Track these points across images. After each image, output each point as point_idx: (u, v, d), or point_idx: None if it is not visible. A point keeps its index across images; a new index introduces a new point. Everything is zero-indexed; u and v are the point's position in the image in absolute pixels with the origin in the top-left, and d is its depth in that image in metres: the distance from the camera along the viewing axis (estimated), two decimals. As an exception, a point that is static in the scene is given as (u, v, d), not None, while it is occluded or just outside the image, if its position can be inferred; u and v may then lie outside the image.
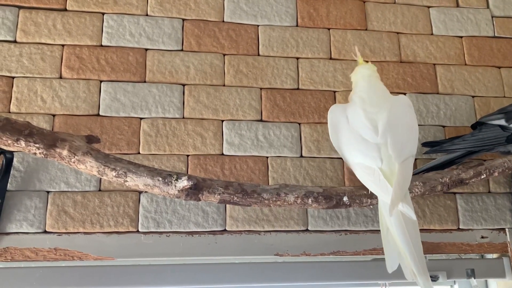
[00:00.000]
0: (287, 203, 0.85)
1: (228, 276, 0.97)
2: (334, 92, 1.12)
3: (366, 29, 1.18)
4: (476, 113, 1.16)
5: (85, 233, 0.94)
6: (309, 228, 1.02)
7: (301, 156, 1.06)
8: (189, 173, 0.99)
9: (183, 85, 1.06)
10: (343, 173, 1.06)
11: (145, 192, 0.97)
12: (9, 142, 0.79)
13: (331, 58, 1.14)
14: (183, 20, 1.11)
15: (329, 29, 1.17)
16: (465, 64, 1.20)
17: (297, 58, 1.13)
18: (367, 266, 1.03)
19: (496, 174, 0.96)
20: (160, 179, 0.80)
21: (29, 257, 0.91)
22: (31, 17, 1.04)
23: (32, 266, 0.93)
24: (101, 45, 1.06)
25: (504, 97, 1.18)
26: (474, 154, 1.03)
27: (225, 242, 0.98)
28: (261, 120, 1.07)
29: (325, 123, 1.08)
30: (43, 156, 0.81)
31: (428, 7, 1.23)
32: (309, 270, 1.00)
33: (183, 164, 1.01)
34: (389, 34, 1.19)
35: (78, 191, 0.96)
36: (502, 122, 0.99)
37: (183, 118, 1.04)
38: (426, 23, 1.22)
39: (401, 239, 0.79)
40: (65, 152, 0.80)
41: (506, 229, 1.08)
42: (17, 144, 0.79)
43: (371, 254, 1.02)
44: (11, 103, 0.99)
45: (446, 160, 1.03)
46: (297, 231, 1.01)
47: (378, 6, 1.21)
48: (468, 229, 1.07)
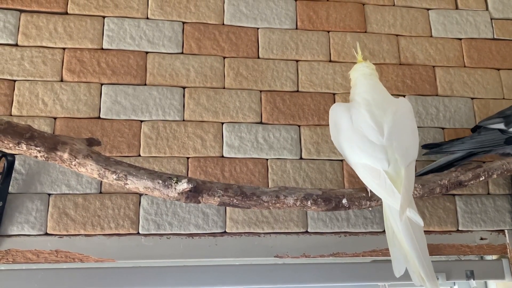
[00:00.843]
0: (286, 205, 0.85)
1: (228, 278, 0.98)
2: (334, 94, 1.12)
3: (365, 32, 1.19)
4: (475, 115, 1.16)
5: (86, 235, 0.95)
6: (309, 230, 1.02)
7: (301, 158, 1.07)
8: (189, 176, 1.00)
9: (184, 88, 1.07)
10: (343, 175, 1.07)
11: (145, 194, 0.98)
12: (10, 145, 0.80)
13: (330, 61, 1.15)
14: (183, 23, 1.12)
15: (328, 31, 1.17)
16: (465, 66, 1.20)
17: (297, 61, 1.14)
18: (367, 268, 1.03)
19: (495, 176, 0.96)
20: (160, 181, 0.81)
21: (30, 259, 0.92)
22: (33, 21, 1.05)
23: (34, 268, 0.93)
24: (102, 48, 1.07)
25: (503, 99, 1.19)
26: (473, 156, 1.03)
27: (225, 244, 0.98)
28: (261, 123, 1.08)
29: (325, 125, 1.09)
30: (44, 159, 0.81)
31: (428, 9, 1.24)
32: (309, 272, 1.00)
33: (183, 166, 1.02)
34: (388, 36, 1.19)
35: (79, 193, 0.97)
36: (501, 126, 0.99)
37: (183, 120, 1.05)
38: (426, 25, 1.22)
39: (408, 244, 0.78)
40: (66, 155, 0.81)
41: (505, 231, 1.08)
42: (19, 147, 0.80)
43: (370, 255, 1.02)
44: (13, 106, 0.99)
45: (445, 163, 1.04)
46: (296, 233, 1.02)
47: (377, 9, 1.21)
48: (467, 231, 1.07)
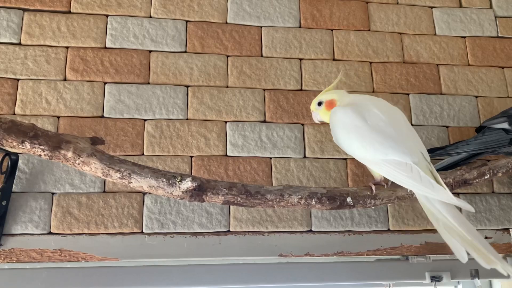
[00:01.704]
0: (290, 204, 0.85)
1: (232, 277, 0.97)
2: (337, 93, 1.12)
3: (369, 30, 1.19)
4: (479, 114, 1.16)
5: (89, 234, 0.95)
6: (313, 229, 1.02)
7: (305, 157, 1.06)
8: (193, 174, 1.00)
9: (187, 87, 1.07)
10: (347, 174, 1.06)
11: (149, 193, 0.98)
12: (14, 144, 0.80)
13: (334, 59, 1.15)
14: (187, 21, 1.11)
15: (332, 30, 1.17)
16: (469, 65, 1.20)
17: (300, 59, 1.13)
18: (371, 267, 1.03)
19: (500, 174, 0.96)
20: (164, 180, 0.80)
21: (34, 258, 0.92)
22: (36, 20, 1.05)
23: (37, 267, 0.93)
24: (105, 47, 1.06)
25: (508, 97, 1.18)
26: (478, 156, 1.03)
27: (229, 243, 0.98)
28: (264, 121, 1.07)
29: (328, 124, 1.08)
30: (48, 157, 0.81)
31: (431, 7, 1.23)
32: (313, 271, 1.00)
33: (187, 165, 1.01)
34: (392, 34, 1.19)
35: (83, 192, 0.97)
36: (505, 125, 0.99)
37: (187, 119, 1.04)
38: (429, 23, 1.22)
39: (463, 229, 0.78)
40: (69, 154, 0.81)
41: (510, 230, 1.08)
42: (23, 146, 0.80)
43: (374, 254, 1.02)
44: (16, 105, 0.99)
45: (450, 163, 1.04)
46: (300, 232, 1.01)
47: (381, 7, 1.21)
48: (472, 230, 1.06)
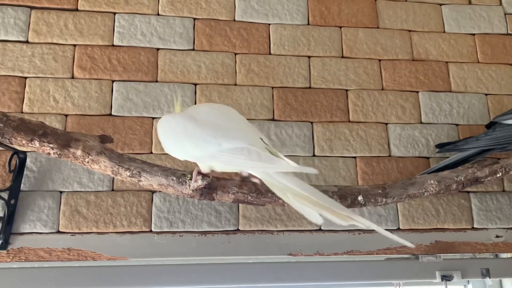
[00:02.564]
0: (301, 202, 0.84)
1: (241, 276, 0.97)
2: (346, 90, 1.11)
3: (377, 27, 1.18)
4: (489, 111, 1.15)
5: (98, 233, 0.94)
6: (322, 228, 1.01)
7: (314, 155, 1.06)
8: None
9: (195, 85, 1.06)
10: (356, 172, 1.05)
11: (158, 191, 0.97)
12: (23, 142, 0.79)
13: (342, 57, 1.14)
14: (194, 19, 1.11)
15: (340, 27, 1.16)
16: (478, 62, 1.19)
17: (309, 57, 1.12)
18: (381, 266, 1.02)
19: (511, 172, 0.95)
20: (175, 178, 0.80)
21: (42, 257, 0.91)
22: (43, 17, 1.04)
23: (46, 266, 0.93)
24: (113, 45, 1.06)
25: (518, 94, 1.17)
26: (487, 152, 1.02)
27: (238, 241, 0.97)
28: (273, 119, 1.07)
29: (338, 121, 1.08)
30: (57, 156, 0.81)
31: (440, 4, 1.22)
32: (322, 270, 0.99)
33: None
34: (401, 32, 1.18)
35: (91, 191, 0.96)
36: (517, 121, 0.98)
37: (195, 117, 1.04)
38: (438, 20, 1.21)
39: (309, 193, 0.74)
40: (79, 152, 0.80)
41: (521, 228, 1.07)
42: (32, 144, 0.79)
43: (384, 253, 1.01)
44: (24, 103, 0.99)
45: (460, 159, 1.03)
46: (310, 231, 1.01)
47: (389, 4, 1.20)
48: (482, 228, 1.06)
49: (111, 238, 0.94)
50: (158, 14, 1.10)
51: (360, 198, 0.86)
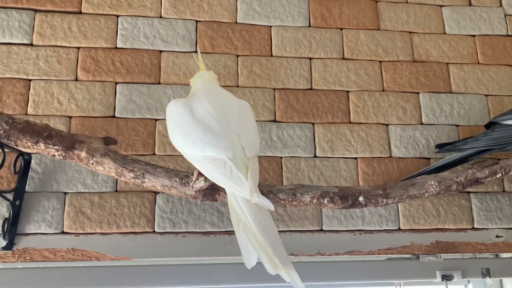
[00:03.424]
0: (303, 203, 0.85)
1: (243, 276, 0.97)
2: (348, 92, 1.12)
3: (378, 29, 1.19)
4: (489, 112, 1.15)
5: (102, 233, 0.95)
6: (324, 228, 1.02)
7: (315, 156, 1.06)
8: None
9: (197, 86, 1.07)
10: (357, 173, 1.06)
11: (161, 192, 0.98)
12: (29, 144, 0.80)
13: (344, 58, 1.15)
14: (197, 21, 1.12)
15: (341, 29, 1.17)
16: (478, 63, 1.19)
17: (310, 59, 1.13)
18: (382, 266, 1.03)
19: (511, 173, 0.96)
20: (178, 180, 0.81)
21: (47, 257, 0.92)
22: (47, 20, 1.06)
23: (51, 267, 0.94)
24: (116, 47, 1.07)
25: (518, 95, 1.18)
26: (486, 152, 1.03)
27: (241, 242, 0.98)
28: (274, 121, 1.07)
29: (339, 123, 1.09)
30: (61, 158, 0.82)
31: (441, 6, 1.23)
32: (323, 270, 1.00)
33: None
34: (401, 33, 1.19)
35: (95, 192, 0.97)
36: (516, 122, 0.99)
37: (198, 119, 1.05)
38: (439, 22, 1.22)
39: (259, 230, 0.71)
40: (83, 154, 0.81)
41: (521, 228, 1.08)
42: (37, 146, 0.80)
43: (385, 253, 1.02)
44: (29, 105, 1.00)
45: (458, 158, 1.04)
46: (311, 231, 1.01)
47: (390, 6, 1.21)
48: (482, 228, 1.06)
49: (115, 238, 0.95)
50: (161, 17, 1.11)
51: (361, 198, 0.87)
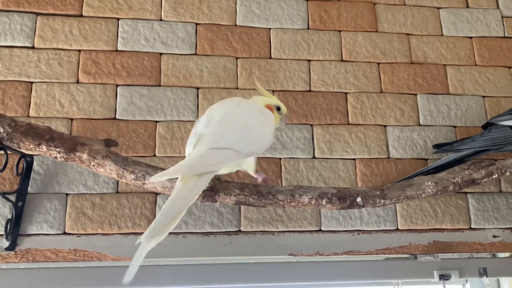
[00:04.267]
0: (301, 204, 0.86)
1: (243, 276, 0.99)
2: (346, 93, 1.13)
3: (376, 31, 1.20)
4: (486, 113, 1.16)
5: (103, 234, 0.96)
6: (322, 228, 1.03)
7: (314, 157, 1.08)
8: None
9: (197, 89, 1.08)
10: (356, 174, 1.08)
11: (162, 193, 0.99)
12: (31, 146, 0.82)
13: (342, 60, 1.16)
14: (196, 24, 1.13)
15: (340, 31, 1.18)
16: (476, 65, 1.21)
17: (309, 61, 1.15)
18: (380, 266, 1.04)
19: (507, 173, 0.97)
20: (178, 181, 0.82)
21: (49, 258, 0.93)
22: (49, 23, 1.07)
23: (53, 267, 0.95)
24: (117, 50, 1.08)
25: (515, 97, 1.19)
26: (483, 152, 1.04)
27: (240, 242, 1.00)
28: (274, 122, 1.09)
29: (337, 124, 1.10)
30: (63, 159, 0.83)
31: (438, 8, 1.24)
32: (322, 270, 1.01)
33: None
34: (399, 35, 1.20)
35: (96, 193, 0.98)
36: (512, 123, 1.00)
37: (198, 121, 1.06)
38: (436, 24, 1.23)
39: (166, 204, 0.73)
40: (85, 156, 0.83)
41: (518, 228, 1.09)
42: (39, 148, 0.82)
43: (383, 253, 1.03)
44: (30, 108, 1.01)
45: (455, 159, 1.05)
46: (310, 231, 1.03)
47: (388, 8, 1.22)
48: (480, 228, 1.08)
49: (116, 239, 0.96)
50: (161, 20, 1.12)
51: (359, 199, 0.88)
